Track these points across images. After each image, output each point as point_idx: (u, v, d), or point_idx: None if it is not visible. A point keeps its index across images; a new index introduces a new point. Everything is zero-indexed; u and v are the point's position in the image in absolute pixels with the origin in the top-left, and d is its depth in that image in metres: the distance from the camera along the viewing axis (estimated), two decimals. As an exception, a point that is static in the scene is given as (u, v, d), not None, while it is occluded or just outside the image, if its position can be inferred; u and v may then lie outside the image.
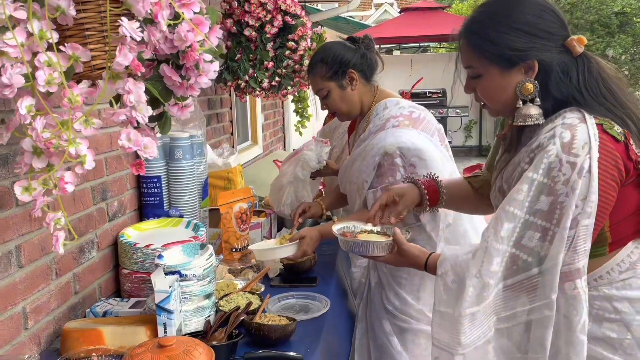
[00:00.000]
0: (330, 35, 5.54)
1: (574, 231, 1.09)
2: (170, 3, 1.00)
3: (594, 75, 1.16)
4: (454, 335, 1.18)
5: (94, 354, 1.32)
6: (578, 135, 1.08)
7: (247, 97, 3.45)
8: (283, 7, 2.58)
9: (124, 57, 0.93)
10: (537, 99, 1.17)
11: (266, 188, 2.50)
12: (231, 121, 3.27)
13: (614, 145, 1.09)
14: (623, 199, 1.12)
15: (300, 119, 4.70)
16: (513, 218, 1.12)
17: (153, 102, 1.13)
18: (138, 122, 1.07)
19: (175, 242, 1.68)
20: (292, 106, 5.12)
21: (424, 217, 1.79)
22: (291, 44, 2.66)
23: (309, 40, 2.75)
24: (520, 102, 1.19)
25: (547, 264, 1.10)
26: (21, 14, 0.88)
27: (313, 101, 5.91)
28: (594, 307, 1.16)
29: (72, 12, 0.94)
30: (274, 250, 1.79)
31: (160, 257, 1.49)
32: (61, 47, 0.93)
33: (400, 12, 12.16)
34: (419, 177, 1.57)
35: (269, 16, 2.56)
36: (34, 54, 0.91)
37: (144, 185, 1.93)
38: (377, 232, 1.44)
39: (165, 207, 1.95)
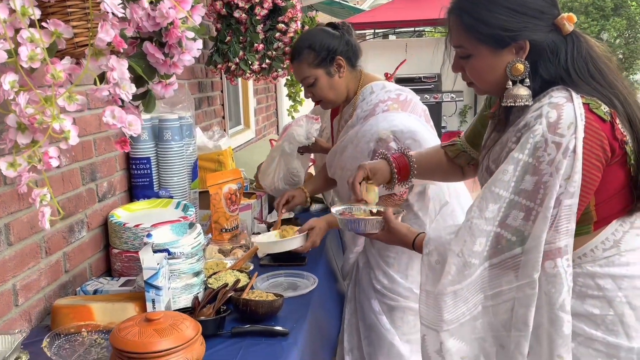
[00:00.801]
0: (324, 20, 5.51)
1: (557, 211, 1.09)
2: (151, -20, 1.00)
3: (583, 54, 1.16)
4: (437, 312, 1.20)
5: (83, 329, 1.34)
6: (564, 115, 1.08)
7: (239, 81, 3.46)
8: (273, -11, 2.58)
9: (106, 34, 0.94)
10: (527, 80, 1.17)
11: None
12: (222, 104, 3.27)
13: (600, 125, 1.09)
14: (608, 178, 1.13)
15: (292, 103, 4.71)
16: (498, 199, 1.12)
17: (137, 80, 1.14)
18: (122, 101, 1.08)
19: (164, 222, 1.70)
20: (285, 90, 5.13)
21: (412, 196, 1.81)
22: (281, 25, 2.66)
23: (299, 22, 2.75)
24: (510, 83, 1.18)
25: (530, 243, 1.12)
26: (3, -10, 0.89)
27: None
28: (577, 284, 1.18)
29: (53, -12, 0.94)
30: (283, 242, 1.79)
31: (149, 235, 1.51)
32: (43, 24, 0.94)
33: (394, -4, 12.08)
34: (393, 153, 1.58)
35: (259, -2, 2.56)
36: (17, 31, 0.92)
37: (134, 166, 1.94)
38: (377, 213, 1.47)
39: (155, 189, 1.97)
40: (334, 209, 1.47)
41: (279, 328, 1.38)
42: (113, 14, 0.95)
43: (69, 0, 1.00)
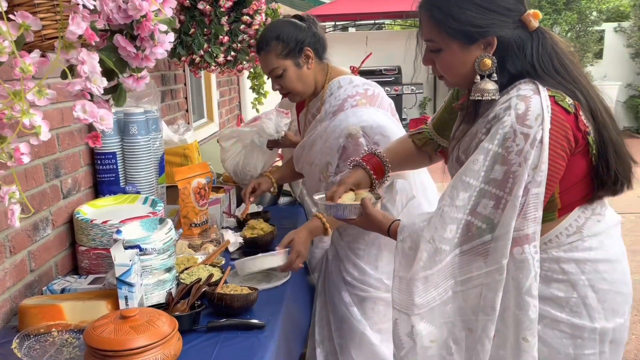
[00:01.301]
0: (285, 11, 5.48)
1: (525, 199, 1.13)
2: (123, -29, 0.98)
3: (548, 50, 1.20)
4: (409, 297, 1.23)
5: (54, 329, 1.31)
6: (532, 107, 1.12)
7: (202, 73, 3.40)
8: (237, -19, 2.54)
9: (77, 26, 0.92)
10: (494, 74, 1.20)
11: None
12: (186, 97, 3.23)
13: (564, 117, 1.13)
14: (572, 167, 1.18)
15: (256, 96, 4.67)
16: (469, 187, 1.16)
17: (107, 73, 1.11)
18: (91, 95, 1.06)
19: (133, 217, 1.67)
20: (248, 83, 5.08)
21: (380, 190, 1.84)
22: (246, 18, 2.63)
23: (263, 14, 2.73)
24: (478, 77, 1.22)
25: (499, 230, 1.15)
26: (-33, -20, 0.85)
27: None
28: (543, 268, 1.22)
29: (20, -22, 0.91)
30: (263, 260, 1.66)
31: (118, 232, 1.48)
32: (10, 16, 0.91)
33: (355, -11, 12.11)
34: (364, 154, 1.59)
35: (223, -11, 2.52)
36: (-18, 23, 0.89)
37: (99, 161, 1.90)
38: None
39: (121, 184, 1.93)
40: (315, 196, 1.50)
41: (255, 321, 1.38)
42: (84, 6, 0.93)
43: (36, -9, 0.97)
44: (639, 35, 9.88)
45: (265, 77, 4.83)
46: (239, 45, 2.68)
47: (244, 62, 2.81)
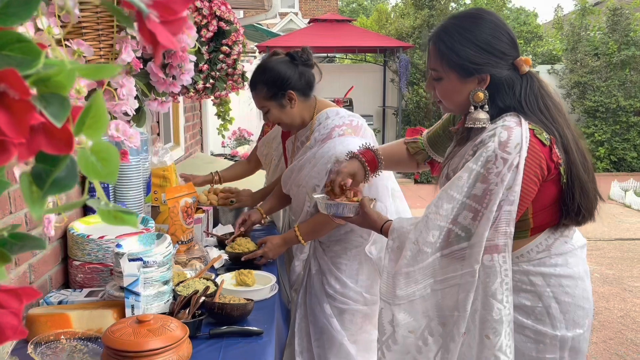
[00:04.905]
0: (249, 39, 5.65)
1: (498, 214, 1.30)
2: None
3: (535, 92, 1.39)
4: (392, 289, 1.39)
5: (62, 336, 1.37)
6: (513, 136, 1.30)
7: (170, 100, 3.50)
8: (218, 13, 2.69)
9: (128, 55, 1.04)
10: (486, 106, 1.39)
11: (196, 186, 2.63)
12: (158, 122, 3.31)
13: (540, 148, 1.30)
14: (544, 192, 1.35)
15: (222, 122, 4.78)
16: (452, 200, 1.33)
17: (134, 97, 1.23)
18: (111, 115, 1.17)
19: (130, 233, 1.75)
20: (210, 109, 5.18)
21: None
22: (225, 48, 2.78)
23: (241, 45, 2.88)
24: (472, 107, 1.40)
25: (474, 239, 1.32)
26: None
27: (238, 103, 5.99)
28: (514, 279, 1.37)
29: (77, 11, 1.03)
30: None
31: (119, 246, 1.56)
32: (67, 43, 1.02)
33: (309, 23, 12.51)
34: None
35: (205, 21, 2.66)
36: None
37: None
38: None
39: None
40: (315, 195, 1.65)
41: (253, 328, 1.49)
42: (132, 37, 1.05)
43: (85, 22, 1.08)
44: (570, 77, 10.72)
45: (230, 104, 4.96)
46: (218, 73, 2.82)
47: (222, 90, 2.94)
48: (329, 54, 11.70)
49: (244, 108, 6.99)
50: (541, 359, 1.40)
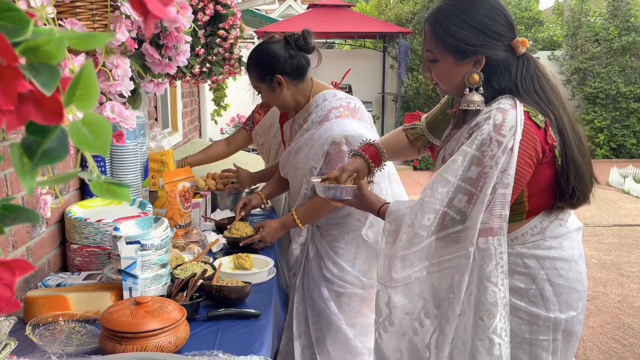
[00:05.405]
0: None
1: (492, 197, 1.30)
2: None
3: (531, 73, 1.38)
4: (388, 272, 1.40)
5: (60, 318, 1.38)
6: (508, 119, 1.29)
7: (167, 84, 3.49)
8: (214, -4, 2.67)
9: (122, 34, 1.03)
10: (481, 88, 1.38)
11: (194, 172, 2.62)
12: (155, 107, 3.29)
13: (535, 130, 1.30)
14: (539, 175, 1.34)
15: (216, 108, 4.77)
16: (447, 183, 1.33)
17: (129, 78, 1.22)
18: (106, 97, 1.16)
19: (127, 217, 1.75)
20: (208, 95, 5.16)
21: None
22: (222, 32, 2.76)
23: (238, 30, 2.86)
24: (467, 89, 1.39)
25: (469, 222, 1.32)
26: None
27: (236, 90, 5.98)
28: (508, 262, 1.37)
29: (70, -10, 1.02)
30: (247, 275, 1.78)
31: (116, 229, 1.56)
32: (60, 22, 1.01)
33: (308, 8, 12.42)
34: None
35: (201, 4, 2.64)
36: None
37: (88, 164, 1.95)
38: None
39: (108, 186, 1.99)
40: (313, 179, 1.65)
41: (252, 310, 1.50)
42: (127, 16, 1.04)
43: (78, 1, 1.07)
44: (570, 64, 10.67)
45: (226, 90, 4.92)
46: (214, 57, 2.80)
47: (218, 74, 2.92)
48: (328, 40, 11.62)
49: (244, 95, 6.96)
50: (534, 340, 1.41)
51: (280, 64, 1.99)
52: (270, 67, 1.99)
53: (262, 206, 2.29)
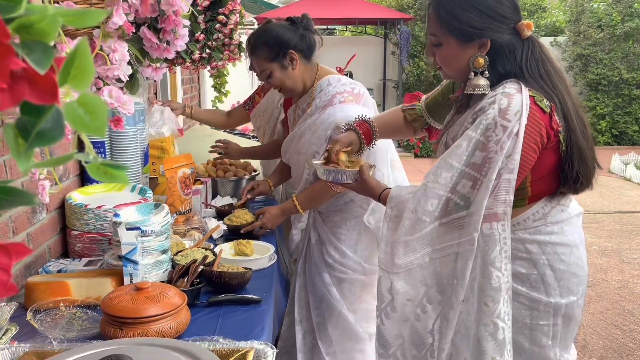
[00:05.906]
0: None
1: (497, 182, 1.29)
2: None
3: (536, 57, 1.36)
4: (390, 257, 1.39)
5: (61, 304, 1.38)
6: (513, 103, 1.28)
7: (167, 71, 3.46)
8: (214, -19, 2.64)
9: (119, 17, 1.01)
10: (486, 72, 1.36)
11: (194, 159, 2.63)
12: (155, 93, 3.27)
13: (540, 115, 1.29)
14: (543, 160, 1.34)
15: (217, 94, 4.75)
16: (451, 168, 1.31)
17: (127, 62, 1.21)
18: (103, 81, 1.15)
19: (128, 203, 1.74)
20: (208, 82, 5.13)
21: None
22: (221, 17, 2.73)
23: (237, 15, 2.84)
24: (472, 73, 1.37)
25: (473, 207, 1.31)
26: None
27: (237, 77, 5.95)
28: (510, 247, 1.36)
29: (66, -28, 1.00)
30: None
31: (117, 215, 1.56)
32: (56, 5, 1.00)
33: (307, -6, 12.29)
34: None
35: (201, -11, 2.61)
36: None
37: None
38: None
39: (108, 173, 1.98)
40: (314, 161, 1.64)
41: (252, 296, 1.50)
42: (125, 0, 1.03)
43: (75, -16, 1.06)
44: (573, 50, 10.60)
45: (227, 77, 4.90)
46: (214, 43, 2.78)
47: (218, 60, 2.90)
48: (328, 26, 11.54)
49: (244, 81, 6.92)
50: (535, 325, 1.41)
51: (293, 40, 1.97)
52: (283, 43, 1.95)
53: (269, 194, 2.30)
